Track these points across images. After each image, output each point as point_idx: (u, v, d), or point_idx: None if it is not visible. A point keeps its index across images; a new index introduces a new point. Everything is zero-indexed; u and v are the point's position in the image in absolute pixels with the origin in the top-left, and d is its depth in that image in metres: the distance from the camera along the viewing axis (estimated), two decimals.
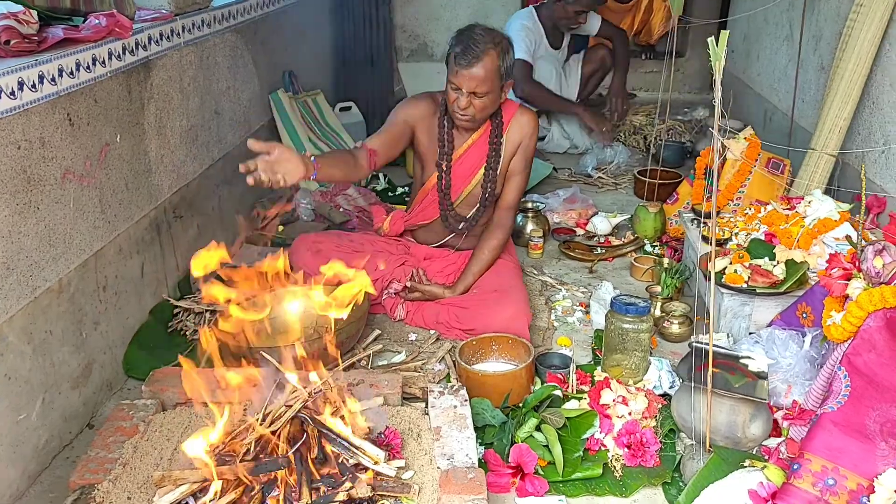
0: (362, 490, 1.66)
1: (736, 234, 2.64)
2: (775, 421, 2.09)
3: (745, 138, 3.16)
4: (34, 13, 1.98)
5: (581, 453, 2.03)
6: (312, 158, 2.25)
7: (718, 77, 1.71)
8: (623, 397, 2.16)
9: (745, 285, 2.35)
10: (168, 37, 2.58)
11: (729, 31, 1.74)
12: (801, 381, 2.14)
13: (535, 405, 2.11)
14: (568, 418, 2.08)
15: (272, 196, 3.55)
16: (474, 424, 1.97)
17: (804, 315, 2.27)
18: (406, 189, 3.93)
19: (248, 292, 2.56)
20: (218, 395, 2.00)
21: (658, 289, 2.78)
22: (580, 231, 3.49)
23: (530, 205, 3.44)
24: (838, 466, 1.73)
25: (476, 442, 1.91)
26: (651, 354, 2.39)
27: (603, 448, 2.06)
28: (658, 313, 2.69)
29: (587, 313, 2.78)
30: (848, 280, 1.98)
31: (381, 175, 4.00)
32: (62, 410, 2.05)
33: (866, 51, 2.73)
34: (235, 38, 3.17)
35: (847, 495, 1.70)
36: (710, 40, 1.72)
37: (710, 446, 1.97)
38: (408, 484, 1.74)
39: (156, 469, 1.80)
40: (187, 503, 1.66)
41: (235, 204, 3.23)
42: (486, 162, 2.74)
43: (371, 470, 1.70)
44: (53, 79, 1.94)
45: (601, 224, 3.43)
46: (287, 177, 2.11)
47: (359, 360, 2.45)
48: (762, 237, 2.55)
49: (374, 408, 1.99)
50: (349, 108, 4.38)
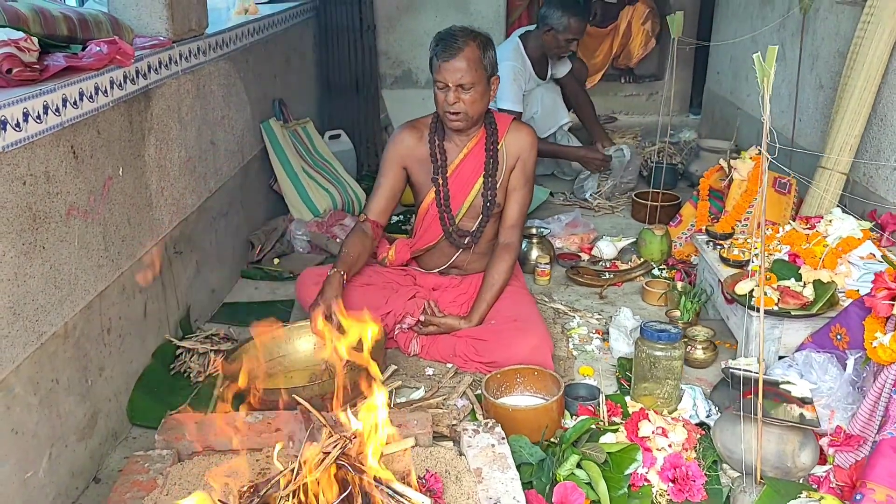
0: None
1: (756, 256, 2.59)
2: (820, 448, 2.02)
3: (751, 157, 3.13)
4: (35, 40, 1.86)
5: (625, 490, 1.93)
6: (342, 275, 2.49)
7: (767, 94, 1.65)
8: (662, 428, 2.07)
9: (777, 307, 2.29)
10: (166, 64, 2.47)
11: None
12: (844, 406, 2.07)
13: (575, 440, 2.01)
14: (609, 453, 1.98)
15: (267, 228, 3.43)
16: None
17: (839, 337, 2.21)
18: (400, 217, 3.84)
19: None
20: (242, 442, 1.88)
21: (677, 313, 2.72)
22: (585, 256, 3.43)
23: (534, 230, 3.37)
24: None
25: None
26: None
27: (647, 483, 1.96)
28: None
29: (605, 341, 2.70)
30: (892, 300, 1.93)
31: None
32: (69, 465, 1.90)
33: (875, 68, 2.72)
34: (229, 66, 3.07)
35: None
36: (756, 56, 1.67)
37: (762, 478, 1.89)
38: None
39: None
40: None
41: (231, 238, 3.10)
42: (485, 169, 2.68)
43: None
44: (58, 109, 1.82)
45: (607, 248, 3.37)
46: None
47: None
48: (785, 258, 2.51)
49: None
50: (338, 136, 4.28)
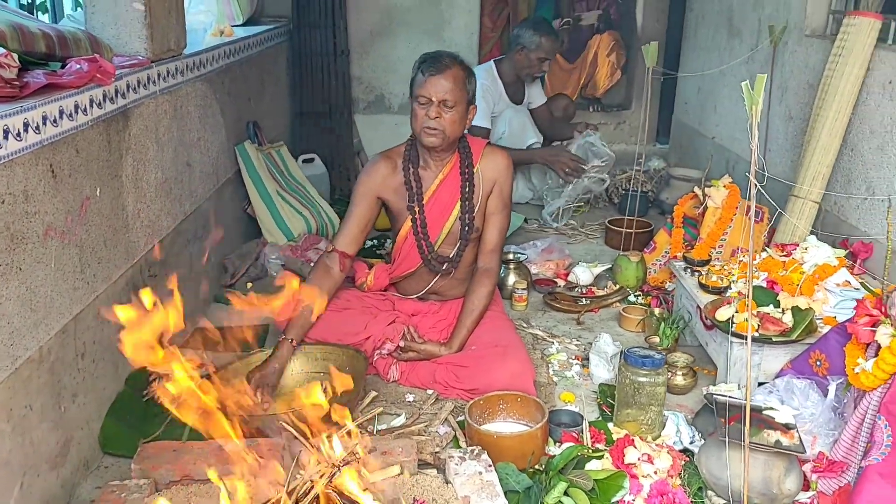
0: None
1: (734, 282, 2.62)
2: (804, 474, 2.03)
3: (725, 186, 3.18)
4: (15, 56, 1.81)
5: None
6: (292, 342, 2.45)
7: (755, 121, 1.68)
8: (648, 455, 2.07)
9: (757, 333, 2.31)
10: (145, 84, 2.43)
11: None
12: (826, 432, 2.09)
13: (561, 468, 1.99)
14: (596, 480, 1.97)
15: (241, 252, 3.37)
16: None
17: (818, 363, 2.24)
18: (374, 242, 3.81)
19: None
20: (223, 471, 1.82)
21: (656, 339, 2.73)
22: (561, 282, 3.43)
23: (512, 256, 3.37)
24: None
25: None
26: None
27: None
28: None
29: (585, 367, 2.70)
30: (874, 326, 1.96)
31: None
32: (41, 494, 1.82)
33: (846, 100, 2.79)
34: (205, 88, 3.03)
35: None
36: (745, 84, 1.70)
37: None
38: None
39: None
40: None
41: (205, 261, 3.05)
42: (461, 194, 2.67)
43: None
44: (38, 127, 1.77)
45: (583, 274, 3.38)
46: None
47: (359, 426, 2.28)
48: (763, 284, 2.54)
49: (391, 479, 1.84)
50: (312, 160, 4.26)
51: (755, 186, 1.72)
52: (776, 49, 3.42)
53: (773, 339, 2.29)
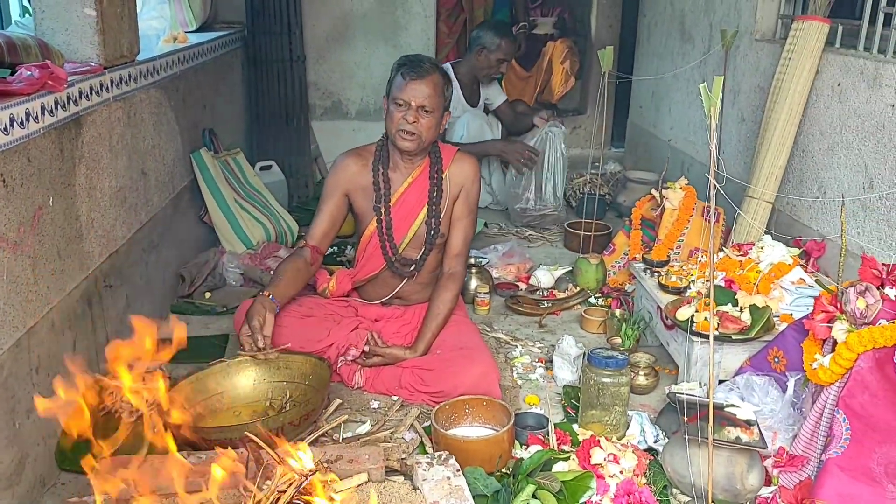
0: None
1: (693, 282, 2.66)
2: (765, 469, 2.07)
3: (682, 187, 3.23)
4: None
5: None
6: (271, 297, 2.42)
7: (714, 123, 1.71)
8: (614, 455, 2.08)
9: (717, 332, 2.35)
10: (98, 91, 2.37)
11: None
12: (785, 427, 2.13)
13: (530, 471, 1.99)
14: (563, 482, 1.98)
15: (198, 261, 3.31)
16: None
17: (776, 360, 2.28)
18: (335, 249, 3.78)
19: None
20: (185, 485, 1.78)
21: (618, 340, 2.76)
22: (522, 285, 3.45)
23: (473, 260, 3.37)
24: None
25: None
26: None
27: None
28: None
29: (548, 369, 2.71)
30: (830, 322, 2.00)
31: None
32: None
33: (797, 102, 2.86)
34: (159, 95, 2.98)
35: None
36: (703, 87, 1.72)
37: (713, 500, 1.91)
38: None
39: None
40: None
41: (161, 271, 2.99)
42: (429, 198, 2.67)
43: None
44: None
45: (544, 277, 3.40)
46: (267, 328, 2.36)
47: (324, 434, 2.26)
48: (721, 283, 2.58)
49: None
50: (269, 167, 4.21)
51: (714, 187, 1.75)
52: (728, 53, 3.49)
53: (733, 338, 2.33)
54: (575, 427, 2.32)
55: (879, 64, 2.53)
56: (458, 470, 1.91)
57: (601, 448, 2.09)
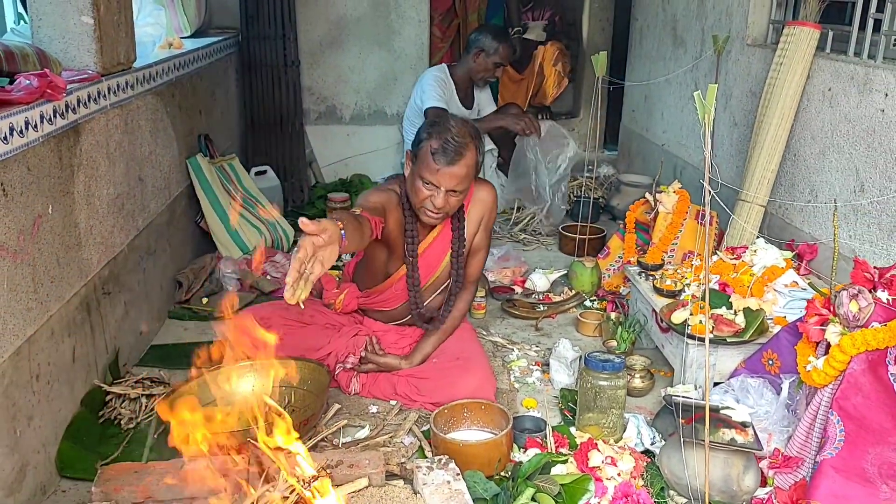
0: None
1: (687, 286, 2.68)
2: (760, 471, 2.09)
3: (675, 191, 3.26)
4: None
5: None
6: (343, 233, 1.83)
7: (708, 130, 1.73)
8: (611, 458, 2.10)
9: (712, 335, 2.37)
10: (95, 99, 2.38)
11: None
12: (780, 429, 2.16)
13: (529, 474, 2.01)
14: (562, 485, 2.00)
15: (195, 267, 3.32)
16: None
17: (770, 362, 2.30)
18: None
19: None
20: (188, 491, 1.79)
21: (614, 343, 2.78)
22: (518, 289, 3.47)
23: None
24: None
25: None
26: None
27: None
28: None
29: (545, 372, 2.73)
30: (823, 325, 2.03)
31: None
32: None
33: (788, 107, 2.89)
34: (156, 101, 2.99)
35: None
36: (697, 94, 1.75)
37: (709, 502, 1.93)
38: None
39: None
40: None
41: (159, 277, 3.00)
42: (451, 250, 2.59)
43: None
44: None
45: (540, 281, 3.42)
46: (326, 262, 1.71)
47: (324, 438, 2.27)
48: (715, 287, 2.60)
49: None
50: (265, 172, 4.22)
51: (709, 193, 1.77)
52: (720, 58, 3.52)
53: (727, 340, 2.35)
54: (572, 430, 2.34)
55: (869, 69, 2.56)
56: (458, 474, 1.93)
57: (599, 451, 2.11)
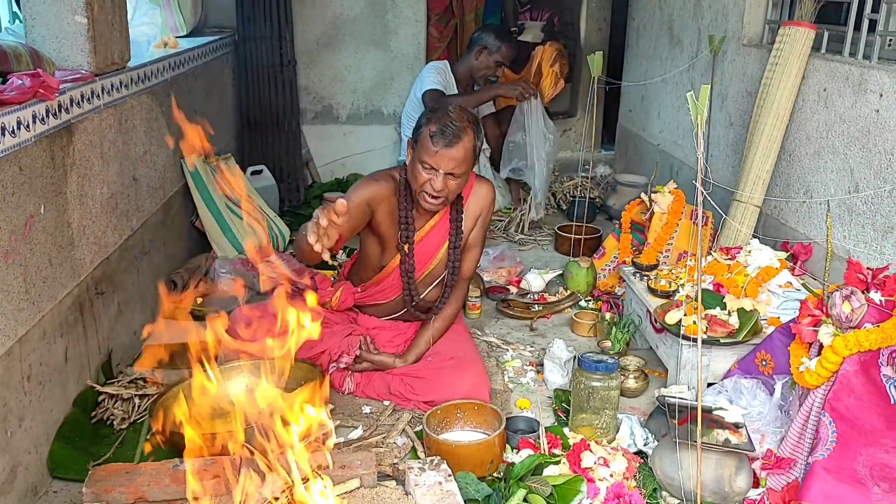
0: None
1: (682, 286, 2.68)
2: (753, 471, 2.09)
3: (670, 192, 3.26)
4: None
5: None
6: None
7: (701, 131, 1.73)
8: (604, 458, 2.10)
9: (706, 336, 2.37)
10: (89, 98, 2.38)
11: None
12: (773, 430, 2.16)
13: (521, 475, 2.01)
14: (554, 486, 1.99)
15: (189, 266, 3.32)
16: None
17: (764, 363, 2.30)
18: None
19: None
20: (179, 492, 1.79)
21: (608, 343, 2.78)
22: (513, 289, 3.47)
23: None
24: None
25: None
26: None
27: None
28: None
29: (539, 372, 2.73)
30: (816, 326, 2.03)
31: None
32: None
33: (783, 107, 2.89)
34: (150, 101, 2.98)
35: None
36: (690, 95, 1.74)
37: (701, 503, 1.93)
38: None
39: None
40: None
41: (154, 276, 2.99)
42: (449, 240, 2.61)
43: None
44: None
45: (535, 281, 3.42)
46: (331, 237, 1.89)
47: (316, 439, 2.27)
48: (710, 287, 2.60)
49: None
50: (260, 172, 4.21)
51: (702, 194, 1.77)
52: (716, 58, 3.52)
53: (721, 341, 2.35)
54: (566, 430, 2.34)
55: (864, 70, 2.56)
56: (450, 475, 1.92)
57: (591, 452, 2.11)
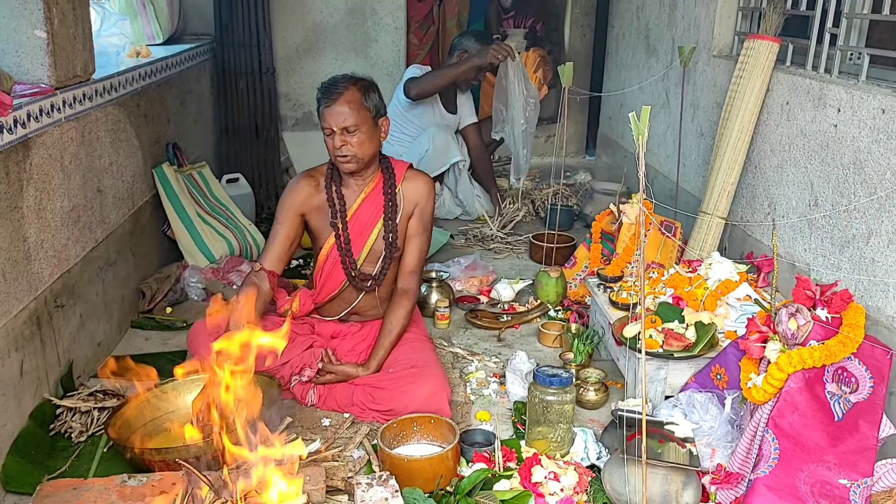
0: None
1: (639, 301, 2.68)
2: (703, 486, 2.10)
3: (639, 202, 3.26)
4: None
5: None
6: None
7: (642, 151, 1.74)
8: (555, 473, 2.11)
9: (662, 349, 2.38)
10: (48, 112, 2.39)
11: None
12: (724, 444, 2.16)
13: (468, 490, 2.02)
14: (502, 501, 2.00)
15: (159, 276, 3.33)
16: None
17: (718, 377, 2.31)
18: (300, 261, 3.81)
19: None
20: None
21: (571, 355, 2.78)
22: (484, 299, 3.48)
23: (434, 274, 3.40)
24: None
25: None
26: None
27: None
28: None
29: (502, 384, 2.74)
30: (764, 342, 2.04)
31: None
32: None
33: (748, 119, 2.90)
34: (118, 112, 2.99)
35: None
36: (632, 115, 1.76)
37: None
38: None
39: None
40: None
41: (120, 287, 3.00)
42: (384, 212, 2.69)
43: None
44: None
45: (505, 291, 3.43)
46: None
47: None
48: (670, 300, 2.61)
49: None
50: (237, 180, 4.23)
51: (643, 213, 1.78)
52: (686, 69, 3.53)
53: (675, 355, 2.36)
54: (522, 444, 2.35)
55: (824, 84, 2.57)
56: (397, 490, 1.93)
57: (542, 466, 2.12)
